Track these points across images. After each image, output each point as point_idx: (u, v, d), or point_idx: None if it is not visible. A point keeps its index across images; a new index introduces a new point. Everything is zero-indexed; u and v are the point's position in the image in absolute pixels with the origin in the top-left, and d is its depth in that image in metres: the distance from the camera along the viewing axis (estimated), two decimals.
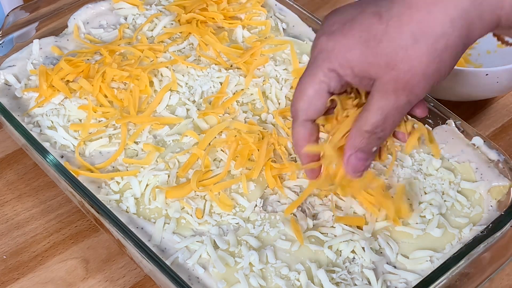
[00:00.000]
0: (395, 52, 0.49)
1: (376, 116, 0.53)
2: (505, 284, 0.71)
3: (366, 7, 0.52)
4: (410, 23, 0.49)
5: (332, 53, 0.52)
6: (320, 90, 0.53)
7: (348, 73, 0.52)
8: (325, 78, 0.53)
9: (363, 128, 0.54)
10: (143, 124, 0.74)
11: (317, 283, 0.62)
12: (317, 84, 0.53)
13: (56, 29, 0.86)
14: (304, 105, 0.55)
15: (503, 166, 0.71)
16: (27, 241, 0.74)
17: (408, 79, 0.50)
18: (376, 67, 0.51)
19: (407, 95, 0.51)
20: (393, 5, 0.50)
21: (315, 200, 0.69)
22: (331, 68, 0.52)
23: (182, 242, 0.64)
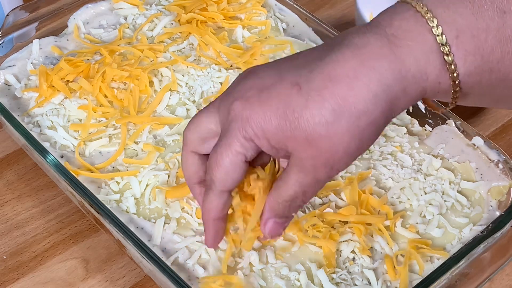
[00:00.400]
0: (315, 129, 0.46)
1: (294, 189, 0.50)
2: (505, 284, 0.71)
3: (286, 74, 0.48)
4: (331, 98, 0.46)
5: (247, 122, 0.48)
6: (237, 162, 0.50)
7: (265, 144, 0.49)
8: (241, 148, 0.49)
9: (282, 198, 0.51)
10: (143, 124, 0.74)
11: (317, 283, 0.62)
12: (234, 155, 0.50)
13: (56, 29, 0.86)
14: (222, 176, 0.51)
15: (503, 166, 0.71)
16: (27, 241, 0.74)
17: (329, 157, 0.47)
18: (294, 142, 0.47)
19: (327, 171, 0.49)
20: (313, 76, 0.47)
21: (315, 200, 0.69)
22: (247, 137, 0.49)
23: (182, 242, 0.64)
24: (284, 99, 0.47)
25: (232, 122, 0.49)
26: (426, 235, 0.66)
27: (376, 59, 0.46)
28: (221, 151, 0.50)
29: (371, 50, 0.46)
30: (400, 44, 0.46)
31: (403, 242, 0.65)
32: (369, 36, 0.47)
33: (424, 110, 0.76)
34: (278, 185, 0.52)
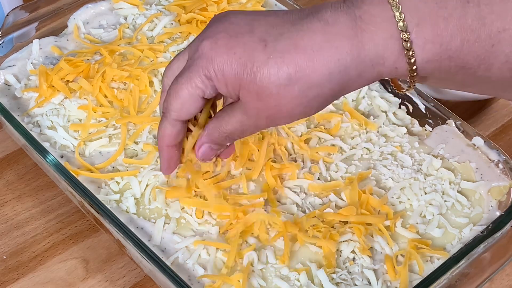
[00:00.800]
0: (268, 86, 0.50)
1: (235, 126, 0.54)
2: (505, 284, 0.71)
3: (257, 28, 0.51)
4: (291, 64, 0.49)
5: (211, 62, 0.52)
6: (195, 95, 0.54)
7: (222, 86, 0.52)
8: (202, 84, 0.53)
9: (221, 129, 0.55)
10: (143, 124, 0.74)
11: (317, 283, 0.62)
12: (193, 88, 0.53)
13: (56, 29, 0.86)
14: (177, 106, 0.55)
15: (503, 166, 0.71)
16: (27, 241, 0.74)
17: (273, 113, 0.51)
18: (246, 92, 0.51)
19: (267, 123, 0.53)
20: (281, 39, 0.50)
21: (315, 200, 0.69)
22: (208, 76, 0.52)
23: (182, 242, 0.64)
24: (249, 51, 0.50)
25: (198, 59, 0.53)
26: (426, 235, 0.66)
27: (340, 40, 0.49)
28: (181, 81, 0.54)
29: (338, 29, 0.49)
30: (364, 28, 0.49)
31: (403, 242, 0.65)
32: (340, 14, 0.49)
33: (424, 110, 0.76)
34: (221, 116, 0.55)
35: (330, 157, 0.73)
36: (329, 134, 0.74)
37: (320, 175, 0.71)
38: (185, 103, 0.54)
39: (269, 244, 0.64)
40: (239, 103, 0.53)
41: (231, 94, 0.53)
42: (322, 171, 0.71)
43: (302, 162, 0.72)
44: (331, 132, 0.75)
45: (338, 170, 0.72)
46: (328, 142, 0.74)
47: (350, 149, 0.73)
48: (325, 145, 0.74)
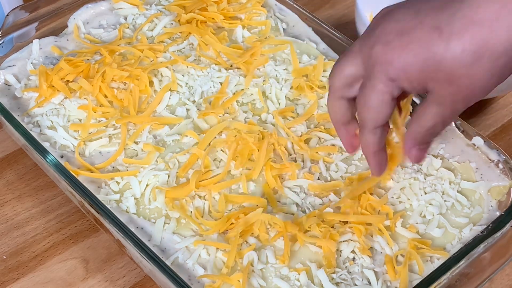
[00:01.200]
0: (456, 70, 0.49)
1: (435, 119, 0.54)
2: (505, 284, 0.71)
3: (424, 18, 0.51)
4: (472, 41, 0.48)
5: (390, 66, 0.52)
6: (384, 100, 0.54)
7: (406, 84, 0.52)
8: (386, 88, 0.53)
9: (423, 128, 0.55)
10: (143, 124, 0.74)
11: (317, 283, 0.62)
12: (380, 95, 0.54)
13: (56, 29, 0.86)
14: (372, 115, 0.55)
15: (503, 166, 0.71)
16: (27, 241, 0.74)
17: (468, 93, 0.51)
18: (435, 82, 0.51)
19: (465, 104, 0.52)
20: (454, 20, 0.49)
21: (315, 200, 0.69)
22: (390, 78, 0.52)
23: (182, 242, 0.64)
24: (426, 43, 0.50)
25: (375, 65, 0.53)
26: (426, 235, 0.66)
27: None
28: (367, 93, 0.54)
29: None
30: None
31: (403, 242, 0.65)
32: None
33: None
34: (418, 116, 0.55)
35: (330, 157, 0.73)
36: (329, 134, 0.74)
37: (320, 175, 0.71)
38: (378, 111, 0.55)
39: (269, 244, 0.64)
40: (431, 97, 0.53)
41: (417, 89, 0.53)
42: (322, 171, 0.71)
43: (302, 162, 0.72)
44: (331, 132, 0.75)
45: (338, 170, 0.72)
46: (328, 142, 0.74)
47: None
48: (325, 145, 0.74)
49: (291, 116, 0.76)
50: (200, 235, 0.65)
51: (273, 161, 0.70)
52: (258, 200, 0.67)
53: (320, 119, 0.76)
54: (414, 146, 0.57)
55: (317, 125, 0.76)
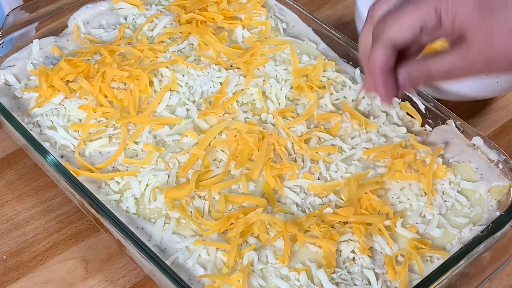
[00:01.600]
0: (500, 28, 0.49)
1: (445, 67, 0.53)
2: (505, 284, 0.71)
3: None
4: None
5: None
6: (416, 24, 0.53)
7: (448, 24, 0.52)
8: (427, 16, 0.52)
9: (426, 68, 0.54)
10: (143, 124, 0.74)
11: (317, 283, 0.62)
12: (417, 18, 0.52)
13: (56, 29, 0.86)
14: (396, 30, 0.54)
15: (503, 166, 0.71)
16: (27, 241, 0.74)
17: (495, 56, 0.51)
18: (475, 32, 0.50)
19: (483, 66, 0.52)
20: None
21: (315, 200, 0.69)
22: (437, 9, 0.52)
23: (182, 242, 0.64)
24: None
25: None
26: (426, 235, 0.66)
27: None
28: (406, 9, 0.53)
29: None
30: None
31: (403, 242, 0.65)
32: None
33: (424, 110, 0.76)
34: (428, 58, 0.54)
35: (330, 157, 0.73)
36: (329, 134, 0.74)
37: (320, 175, 0.71)
38: (404, 29, 0.53)
39: (269, 244, 0.64)
40: (456, 47, 0.52)
41: (452, 33, 0.52)
42: (322, 171, 0.71)
43: (302, 162, 0.72)
44: (331, 132, 0.75)
45: (338, 170, 0.72)
46: (328, 142, 0.74)
47: (350, 149, 0.73)
48: (325, 145, 0.74)
49: (291, 116, 0.76)
50: (200, 235, 0.65)
51: (273, 161, 0.70)
52: (258, 200, 0.67)
53: (320, 119, 0.76)
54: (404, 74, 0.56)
55: (317, 125, 0.76)
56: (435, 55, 0.54)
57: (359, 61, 0.60)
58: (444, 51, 0.54)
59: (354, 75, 0.82)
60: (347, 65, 0.84)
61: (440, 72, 0.54)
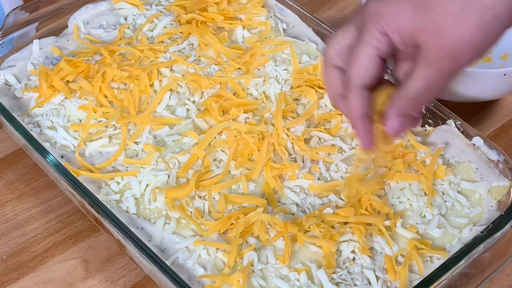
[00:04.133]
0: (444, 19, 0.50)
1: (420, 84, 0.53)
2: (505, 284, 0.71)
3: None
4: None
5: (382, 17, 0.52)
6: (373, 56, 0.54)
7: (397, 38, 0.53)
8: (377, 43, 0.53)
9: (407, 94, 0.54)
10: (143, 124, 0.74)
11: (317, 283, 0.62)
12: (370, 50, 0.54)
13: (56, 29, 0.86)
14: (359, 71, 0.55)
15: (503, 166, 0.71)
16: (27, 241, 0.74)
17: (454, 47, 0.51)
18: (424, 34, 0.51)
19: (451, 63, 0.52)
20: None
21: (315, 200, 0.69)
22: (381, 31, 0.53)
23: (182, 242, 0.64)
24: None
25: (368, 21, 0.53)
26: (426, 235, 0.66)
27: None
28: (357, 49, 0.54)
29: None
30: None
31: (403, 242, 0.65)
32: None
33: (424, 110, 0.76)
34: (405, 84, 0.54)
35: (330, 157, 0.73)
36: (329, 134, 0.74)
37: (320, 175, 0.71)
38: (365, 66, 0.54)
39: (269, 244, 0.65)
40: (418, 58, 0.53)
41: (406, 45, 0.53)
42: (322, 171, 0.71)
43: (302, 162, 0.72)
44: (331, 132, 0.75)
45: (338, 170, 0.72)
46: (328, 142, 0.74)
47: (350, 149, 0.73)
48: (325, 145, 0.74)
49: (291, 116, 0.76)
50: (200, 235, 0.65)
51: (273, 161, 0.70)
52: (258, 200, 0.67)
53: (320, 119, 0.76)
54: (395, 116, 0.56)
55: (317, 125, 0.76)
56: (406, 78, 0.54)
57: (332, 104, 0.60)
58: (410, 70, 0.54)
59: None
60: None
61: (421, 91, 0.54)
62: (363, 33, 0.54)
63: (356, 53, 0.54)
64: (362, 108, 0.57)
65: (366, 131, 0.58)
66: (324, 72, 0.59)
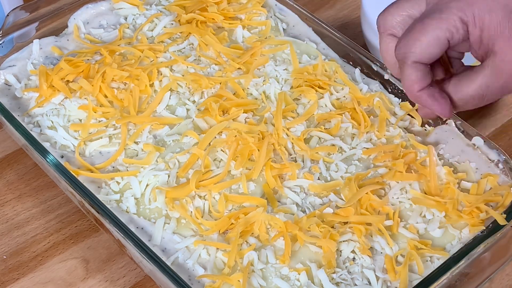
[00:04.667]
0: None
1: (478, 90, 0.50)
2: (505, 284, 0.71)
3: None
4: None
5: (471, 6, 0.48)
6: (443, 38, 0.50)
7: (476, 34, 0.49)
8: (453, 28, 0.49)
9: (461, 94, 0.51)
10: (143, 124, 0.74)
11: (317, 283, 0.62)
12: (443, 30, 0.49)
13: (56, 29, 0.86)
14: (422, 47, 0.50)
15: (503, 166, 0.71)
16: (27, 241, 0.74)
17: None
18: (506, 43, 0.48)
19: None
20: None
21: (315, 200, 0.69)
22: (464, 19, 0.49)
23: (182, 242, 0.64)
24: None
25: (453, 1, 0.49)
26: (426, 235, 0.66)
27: None
28: (430, 22, 0.49)
29: None
30: None
31: (403, 242, 0.65)
32: None
33: None
34: (460, 80, 0.51)
35: (330, 157, 0.73)
36: (329, 134, 0.74)
37: (320, 175, 0.71)
38: (431, 45, 0.50)
39: (269, 244, 0.65)
40: (486, 65, 0.49)
41: (479, 45, 0.49)
42: (322, 171, 0.71)
43: (302, 162, 0.72)
44: (331, 132, 0.75)
45: (338, 170, 0.72)
46: (328, 142, 0.74)
47: (350, 149, 0.73)
48: (325, 145, 0.74)
49: (291, 116, 0.76)
50: (200, 235, 0.65)
51: (273, 161, 0.70)
52: (258, 200, 0.67)
53: (320, 119, 0.76)
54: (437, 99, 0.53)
55: (317, 125, 0.76)
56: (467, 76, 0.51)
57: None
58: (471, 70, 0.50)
59: (354, 75, 0.82)
60: (347, 65, 0.84)
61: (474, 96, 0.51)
62: (443, 11, 0.49)
63: (427, 26, 0.50)
64: (422, 81, 0.52)
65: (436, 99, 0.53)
66: (380, 41, 0.55)
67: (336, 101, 0.78)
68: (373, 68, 0.81)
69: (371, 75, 0.82)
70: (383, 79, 0.80)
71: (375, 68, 0.81)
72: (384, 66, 0.80)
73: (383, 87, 0.80)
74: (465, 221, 0.66)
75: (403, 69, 0.52)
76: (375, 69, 0.81)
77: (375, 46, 0.87)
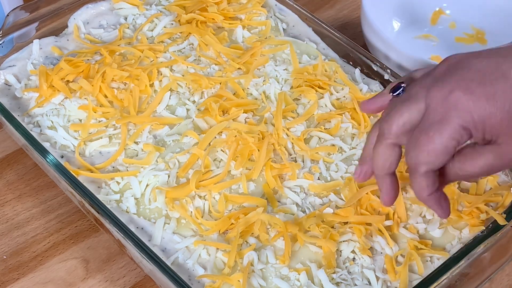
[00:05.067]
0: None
1: (482, 169, 0.52)
2: (505, 284, 0.71)
3: (507, 71, 0.50)
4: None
5: (469, 114, 0.50)
6: (449, 147, 0.51)
7: (479, 135, 0.51)
8: (458, 135, 0.51)
9: (464, 171, 0.53)
10: (143, 124, 0.74)
11: (317, 283, 0.62)
12: (448, 140, 0.51)
13: (56, 29, 0.86)
14: (431, 159, 0.52)
15: None
16: (27, 241, 0.74)
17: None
18: (508, 137, 0.50)
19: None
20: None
21: (315, 200, 0.69)
22: (465, 126, 0.51)
23: (182, 242, 0.64)
24: (510, 96, 0.49)
25: (451, 111, 0.51)
26: (426, 235, 0.66)
27: None
28: (432, 134, 0.51)
29: None
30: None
31: (403, 242, 0.65)
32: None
33: None
34: (465, 158, 0.53)
35: (330, 157, 0.73)
36: (329, 134, 0.74)
37: (320, 175, 0.71)
38: (438, 155, 0.52)
39: (269, 244, 0.65)
40: (489, 149, 0.51)
41: (484, 140, 0.51)
42: (322, 171, 0.71)
43: (302, 162, 0.72)
44: (331, 132, 0.75)
45: (338, 170, 0.72)
46: (328, 142, 0.74)
47: (350, 149, 0.73)
48: (325, 145, 0.74)
49: (291, 116, 0.76)
50: (200, 235, 0.65)
51: (273, 161, 0.70)
52: (258, 200, 0.67)
53: (320, 119, 0.76)
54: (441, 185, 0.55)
55: (317, 125, 0.76)
56: (471, 155, 0.52)
57: (376, 175, 0.58)
58: (474, 150, 0.52)
59: (354, 75, 0.82)
60: (347, 65, 0.84)
61: (479, 173, 0.53)
62: (443, 121, 0.51)
63: (432, 139, 0.51)
64: (431, 187, 0.54)
65: (440, 203, 0.56)
66: (379, 149, 0.56)
67: (336, 101, 0.78)
68: (373, 68, 0.81)
69: (371, 75, 0.82)
70: (383, 79, 0.80)
71: (375, 68, 0.81)
72: (384, 66, 0.80)
73: (383, 87, 0.80)
74: (465, 221, 0.66)
75: (414, 177, 0.54)
76: (375, 69, 0.81)
77: (375, 46, 0.87)
